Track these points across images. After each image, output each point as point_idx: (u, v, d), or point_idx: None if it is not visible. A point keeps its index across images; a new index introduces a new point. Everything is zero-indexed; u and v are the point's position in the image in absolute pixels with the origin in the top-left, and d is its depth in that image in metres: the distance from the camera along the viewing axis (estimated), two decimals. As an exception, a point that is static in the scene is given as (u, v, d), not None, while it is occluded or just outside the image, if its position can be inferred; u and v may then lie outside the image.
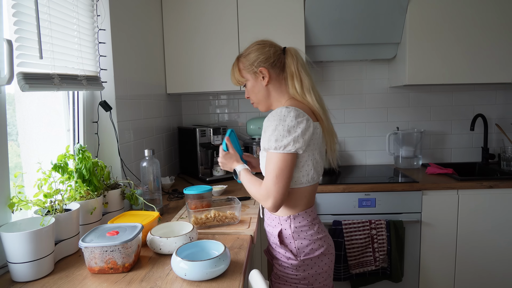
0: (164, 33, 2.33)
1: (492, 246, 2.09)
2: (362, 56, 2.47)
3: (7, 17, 1.05)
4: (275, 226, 1.29)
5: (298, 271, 1.24)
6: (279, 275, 1.28)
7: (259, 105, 1.38)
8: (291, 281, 1.25)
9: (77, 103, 1.51)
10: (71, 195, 1.23)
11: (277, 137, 1.15)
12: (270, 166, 1.17)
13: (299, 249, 1.24)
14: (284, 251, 1.26)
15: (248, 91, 1.36)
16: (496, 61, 2.26)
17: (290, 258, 1.25)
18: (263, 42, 1.36)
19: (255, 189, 1.23)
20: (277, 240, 1.27)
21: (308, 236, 1.25)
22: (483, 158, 2.58)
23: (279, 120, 1.16)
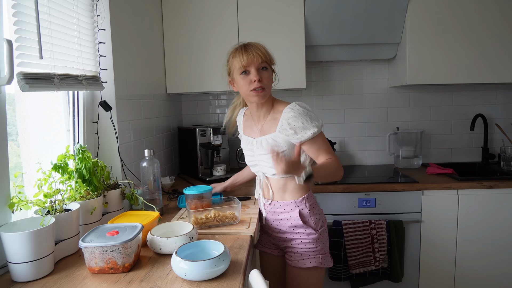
0: (164, 33, 2.33)
1: (492, 246, 2.09)
2: (362, 56, 2.47)
3: (7, 17, 1.05)
4: (292, 210, 1.46)
5: (317, 243, 1.45)
6: (301, 252, 1.45)
7: (266, 94, 1.41)
8: (313, 254, 1.44)
9: (77, 103, 1.51)
10: (71, 195, 1.23)
11: (317, 121, 1.38)
12: (324, 145, 1.40)
13: (316, 223, 1.47)
14: (304, 229, 1.45)
15: (268, 76, 1.40)
16: (496, 61, 2.26)
17: (310, 233, 1.44)
18: None
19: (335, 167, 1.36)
20: (298, 221, 1.44)
21: (319, 211, 1.51)
22: (483, 158, 2.58)
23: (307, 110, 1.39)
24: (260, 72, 1.38)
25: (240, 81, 1.41)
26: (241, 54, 1.37)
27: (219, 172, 2.27)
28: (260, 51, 1.38)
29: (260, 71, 1.39)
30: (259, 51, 1.38)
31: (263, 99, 1.42)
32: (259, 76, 1.37)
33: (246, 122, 1.60)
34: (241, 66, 1.38)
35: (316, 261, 1.44)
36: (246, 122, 1.60)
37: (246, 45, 1.40)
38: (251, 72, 1.38)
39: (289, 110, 1.38)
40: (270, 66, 1.43)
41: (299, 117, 1.36)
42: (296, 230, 1.46)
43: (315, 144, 1.39)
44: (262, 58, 1.37)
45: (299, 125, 1.36)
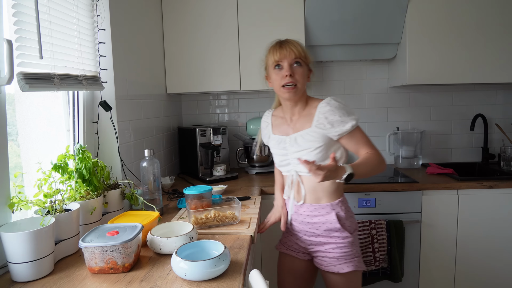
0: (164, 33, 2.33)
1: (492, 246, 2.09)
2: (362, 56, 2.47)
3: (7, 17, 1.05)
4: (328, 212, 1.43)
5: (353, 245, 1.43)
6: (337, 257, 1.42)
7: (298, 90, 1.40)
8: (349, 257, 1.42)
9: (77, 103, 1.51)
10: (71, 195, 1.23)
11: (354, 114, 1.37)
12: (363, 137, 1.39)
13: (351, 226, 1.45)
14: (340, 233, 1.41)
15: (301, 72, 1.39)
16: (496, 61, 2.26)
17: (346, 237, 1.42)
18: None
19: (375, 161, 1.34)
20: (335, 224, 1.40)
21: (352, 213, 1.49)
22: (483, 158, 2.58)
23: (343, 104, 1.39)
24: (293, 68, 1.38)
25: (273, 75, 1.42)
26: (275, 49, 1.40)
27: (219, 172, 2.27)
28: (295, 47, 1.39)
29: (293, 67, 1.39)
30: (294, 47, 1.38)
31: (295, 96, 1.41)
32: (291, 71, 1.37)
33: (275, 121, 1.57)
34: (274, 61, 1.40)
35: (353, 265, 1.42)
36: (275, 121, 1.57)
37: (283, 41, 1.43)
38: (283, 67, 1.39)
39: (325, 105, 1.38)
40: (306, 64, 1.42)
41: (336, 111, 1.36)
42: (332, 233, 1.43)
43: (354, 138, 1.38)
44: (295, 54, 1.38)
45: (337, 118, 1.35)
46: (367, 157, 1.35)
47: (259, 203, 1.74)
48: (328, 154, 1.39)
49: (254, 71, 2.31)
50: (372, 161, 1.35)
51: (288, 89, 1.39)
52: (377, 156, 1.36)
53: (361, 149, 1.39)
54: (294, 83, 1.38)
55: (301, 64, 1.39)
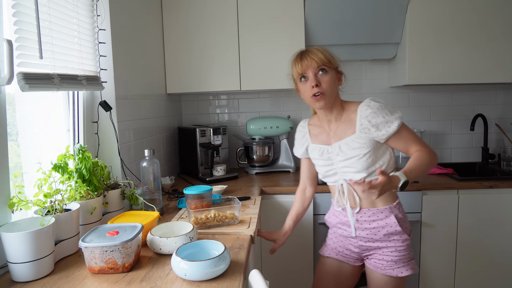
0: (164, 33, 2.33)
1: (492, 246, 2.09)
2: (362, 56, 2.47)
3: (7, 17, 1.05)
4: (387, 216, 1.38)
5: (410, 249, 1.41)
6: (395, 260, 1.38)
7: (328, 98, 1.35)
8: (407, 260, 1.40)
9: (77, 103, 1.51)
10: (71, 195, 1.23)
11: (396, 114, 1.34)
12: (411, 134, 1.36)
13: (408, 228, 1.42)
14: (399, 236, 1.38)
15: (327, 79, 1.34)
16: (496, 61, 2.26)
17: (406, 239, 1.39)
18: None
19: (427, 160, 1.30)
20: (396, 227, 1.37)
21: (407, 215, 1.45)
22: (483, 158, 2.58)
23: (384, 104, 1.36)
24: (318, 77, 1.34)
25: (301, 87, 1.39)
26: (297, 61, 1.37)
27: (219, 172, 2.27)
28: (315, 55, 1.33)
29: (319, 75, 1.34)
30: (315, 55, 1.33)
31: (326, 105, 1.36)
32: (316, 81, 1.33)
33: (313, 131, 1.51)
34: (298, 74, 1.37)
35: (411, 268, 1.39)
36: (313, 131, 1.51)
37: (304, 51, 1.38)
38: (309, 78, 1.35)
39: (365, 108, 1.34)
40: (333, 68, 1.36)
41: (379, 112, 1.32)
42: (392, 237, 1.38)
43: (402, 137, 1.34)
44: (317, 62, 1.33)
45: (381, 120, 1.31)
46: (418, 157, 1.31)
47: (259, 203, 1.74)
48: (378, 158, 1.35)
49: (254, 71, 2.31)
50: (423, 161, 1.30)
51: (317, 98, 1.35)
52: (427, 153, 1.32)
53: (411, 148, 1.36)
54: (322, 92, 1.34)
55: (326, 70, 1.34)
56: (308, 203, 1.66)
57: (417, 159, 1.31)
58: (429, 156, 1.32)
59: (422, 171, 1.30)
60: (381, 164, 1.37)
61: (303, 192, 1.66)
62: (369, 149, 1.33)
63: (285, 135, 2.54)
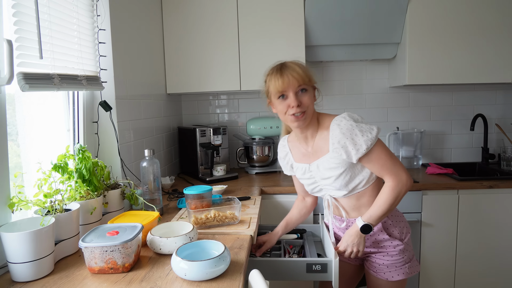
0: (164, 33, 2.33)
1: (492, 246, 2.09)
2: (362, 56, 2.47)
3: (7, 17, 1.05)
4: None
5: (405, 252, 1.38)
6: (387, 264, 1.37)
7: (308, 117, 1.30)
8: (400, 265, 1.37)
9: (77, 103, 1.51)
10: (71, 195, 1.23)
11: (367, 134, 1.24)
12: (381, 157, 1.26)
13: (402, 233, 1.39)
14: (390, 242, 1.36)
15: (308, 98, 1.28)
16: (496, 61, 2.26)
17: (397, 245, 1.36)
18: None
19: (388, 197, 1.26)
20: (383, 235, 1.36)
21: (401, 218, 1.42)
22: (483, 158, 2.58)
23: (355, 122, 1.27)
24: (298, 96, 1.27)
25: (278, 105, 1.30)
26: (277, 78, 1.26)
27: (219, 172, 2.27)
28: (296, 73, 1.25)
29: (299, 94, 1.27)
30: (296, 73, 1.25)
31: (304, 124, 1.30)
32: (297, 101, 1.25)
33: (293, 149, 1.47)
34: (277, 91, 1.27)
35: (404, 273, 1.37)
36: (293, 149, 1.47)
37: (282, 66, 1.29)
38: (289, 97, 1.26)
39: (335, 127, 1.27)
40: (311, 86, 1.30)
41: (347, 133, 1.24)
42: (382, 243, 1.37)
43: (372, 161, 1.26)
44: (298, 81, 1.25)
45: (349, 142, 1.24)
46: (380, 199, 1.27)
47: (259, 203, 1.74)
48: (356, 174, 1.30)
49: (254, 71, 2.31)
50: (385, 202, 1.26)
51: (297, 118, 1.27)
52: (391, 190, 1.25)
53: (382, 176, 1.28)
54: (303, 111, 1.27)
55: (306, 89, 1.28)
56: (306, 211, 1.58)
57: (379, 200, 1.27)
58: (392, 193, 1.25)
59: (386, 211, 1.26)
60: (361, 180, 1.31)
61: (301, 200, 1.60)
62: (344, 168, 1.29)
63: (285, 135, 2.54)
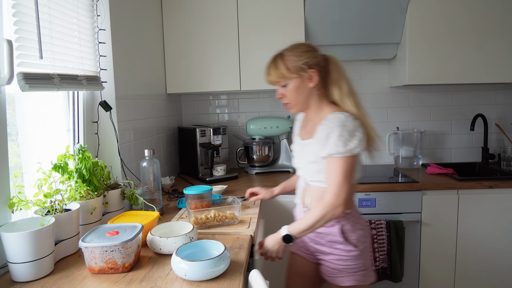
0: (164, 33, 2.33)
1: (492, 246, 2.09)
2: (362, 56, 2.47)
3: (7, 17, 1.05)
4: (332, 225, 1.35)
5: (359, 259, 1.36)
6: (339, 269, 1.37)
7: (295, 106, 1.38)
8: (352, 271, 1.36)
9: (77, 103, 1.51)
10: (71, 195, 1.23)
11: (344, 142, 1.23)
12: (338, 170, 1.24)
13: (358, 240, 1.37)
14: (344, 246, 1.35)
15: (289, 91, 1.35)
16: (496, 61, 2.26)
17: (351, 250, 1.35)
18: (312, 46, 1.37)
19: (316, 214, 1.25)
20: (338, 237, 1.35)
21: (362, 226, 1.40)
22: (483, 158, 2.58)
23: (341, 126, 1.24)
24: (281, 90, 1.37)
25: None
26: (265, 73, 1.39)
27: (219, 172, 2.27)
28: (269, 76, 1.36)
29: (281, 89, 1.37)
30: (270, 76, 1.36)
31: (295, 111, 1.41)
32: (280, 94, 1.38)
33: (303, 122, 1.52)
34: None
35: (355, 279, 1.36)
36: (303, 122, 1.52)
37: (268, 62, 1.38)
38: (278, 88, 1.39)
39: (326, 120, 1.29)
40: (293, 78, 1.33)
41: (329, 130, 1.26)
42: (336, 245, 1.37)
43: (330, 168, 1.27)
44: (274, 81, 1.36)
45: (323, 138, 1.27)
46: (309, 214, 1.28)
47: (259, 203, 1.74)
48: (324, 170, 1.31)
49: (254, 71, 2.31)
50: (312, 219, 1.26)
51: (287, 107, 1.40)
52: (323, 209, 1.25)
53: (327, 189, 1.27)
54: (288, 102, 1.38)
55: (286, 84, 1.35)
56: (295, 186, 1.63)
57: (308, 214, 1.29)
58: (321, 211, 1.25)
59: (310, 227, 1.27)
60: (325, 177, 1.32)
61: None
62: (314, 159, 1.32)
63: (285, 135, 2.54)
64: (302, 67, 1.31)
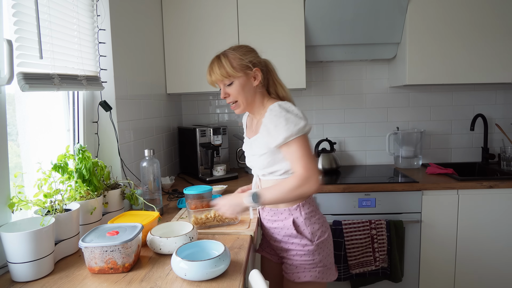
0: (164, 33, 2.33)
1: (492, 246, 2.09)
2: (362, 56, 2.47)
3: (7, 17, 1.05)
4: (286, 218, 1.37)
5: (315, 255, 1.35)
6: (296, 265, 1.36)
7: (242, 104, 1.38)
8: (309, 267, 1.35)
9: (77, 103, 1.51)
10: (71, 195, 1.23)
11: (294, 123, 1.24)
12: (298, 151, 1.25)
13: (313, 233, 1.35)
14: (299, 240, 1.35)
15: (234, 89, 1.35)
16: (496, 61, 2.26)
17: (306, 244, 1.34)
18: (253, 47, 1.42)
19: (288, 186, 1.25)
20: (292, 230, 1.34)
21: (317, 220, 1.38)
22: (483, 158, 2.58)
23: (285, 112, 1.27)
24: (226, 88, 1.37)
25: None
26: (207, 74, 1.40)
27: (219, 172, 2.27)
28: (214, 73, 1.35)
29: (226, 87, 1.37)
30: (213, 73, 1.36)
31: (240, 111, 1.40)
32: (225, 93, 1.38)
33: (248, 123, 1.56)
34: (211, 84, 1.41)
35: (312, 275, 1.34)
36: (248, 123, 1.56)
37: (211, 63, 1.39)
38: (221, 88, 1.39)
39: (269, 111, 1.31)
40: (238, 77, 1.34)
41: (275, 118, 1.27)
42: (291, 240, 1.37)
43: (289, 152, 1.27)
44: (218, 79, 1.36)
45: (273, 127, 1.27)
46: (279, 183, 1.28)
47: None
48: (276, 161, 1.33)
49: (254, 71, 2.30)
50: (281, 189, 1.26)
51: (233, 107, 1.40)
52: (295, 179, 1.24)
53: (296, 167, 1.26)
54: (234, 100, 1.37)
55: (231, 82, 1.35)
56: None
57: (277, 185, 1.29)
58: (293, 182, 1.24)
59: (281, 195, 1.26)
60: (280, 168, 1.34)
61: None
62: (266, 151, 1.33)
63: (285, 135, 2.54)
64: (247, 65, 1.34)
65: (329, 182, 2.15)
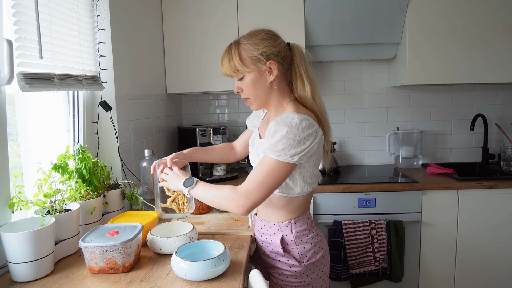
0: (164, 33, 2.33)
1: (492, 246, 2.09)
2: (362, 56, 2.47)
3: (7, 17, 1.05)
4: (275, 233, 1.23)
5: (302, 277, 1.20)
6: (281, 285, 1.22)
7: (254, 102, 1.21)
8: None
9: (77, 103, 1.51)
10: (71, 195, 1.23)
11: (285, 145, 1.06)
12: (263, 170, 1.08)
13: (302, 254, 1.20)
14: (286, 259, 1.20)
15: (245, 85, 1.18)
16: (496, 61, 2.26)
17: (293, 265, 1.20)
18: (273, 32, 1.21)
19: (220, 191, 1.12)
20: (279, 248, 1.21)
21: (309, 239, 1.22)
22: (483, 158, 2.58)
23: (290, 127, 1.06)
24: (238, 83, 1.20)
25: None
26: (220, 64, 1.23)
27: (219, 172, 2.27)
28: (223, 67, 1.19)
29: (238, 82, 1.20)
30: (224, 67, 1.19)
31: (255, 107, 1.23)
32: (237, 88, 1.21)
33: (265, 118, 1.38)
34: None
35: None
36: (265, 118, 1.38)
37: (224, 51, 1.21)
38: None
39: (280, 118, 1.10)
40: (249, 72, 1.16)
41: (277, 128, 1.08)
42: (278, 257, 1.22)
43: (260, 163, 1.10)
44: (229, 73, 1.19)
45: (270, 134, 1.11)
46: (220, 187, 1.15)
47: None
48: None
49: (254, 71, 2.30)
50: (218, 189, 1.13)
51: (246, 103, 1.24)
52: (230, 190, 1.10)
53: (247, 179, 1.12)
54: (247, 97, 1.21)
55: (242, 77, 1.17)
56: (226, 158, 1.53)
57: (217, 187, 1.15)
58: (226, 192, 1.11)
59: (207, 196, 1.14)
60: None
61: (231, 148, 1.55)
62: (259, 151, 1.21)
63: (285, 135, 2.54)
64: (259, 58, 1.14)
65: (329, 182, 2.15)
